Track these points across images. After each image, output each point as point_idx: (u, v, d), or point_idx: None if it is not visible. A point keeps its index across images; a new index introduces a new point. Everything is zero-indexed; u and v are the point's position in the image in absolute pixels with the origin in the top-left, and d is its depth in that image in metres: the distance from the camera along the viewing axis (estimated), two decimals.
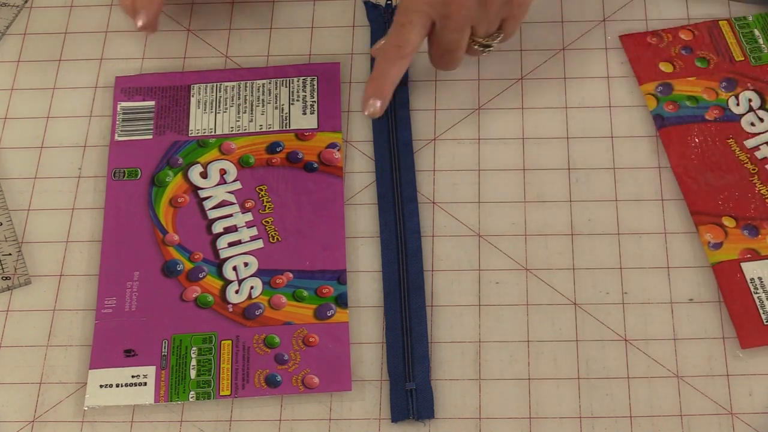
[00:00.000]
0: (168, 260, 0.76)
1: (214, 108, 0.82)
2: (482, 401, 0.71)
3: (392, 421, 0.70)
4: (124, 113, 0.82)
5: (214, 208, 0.78)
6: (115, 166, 0.80)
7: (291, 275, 0.75)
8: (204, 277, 0.75)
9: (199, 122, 0.82)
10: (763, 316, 0.72)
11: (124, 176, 0.79)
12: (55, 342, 0.74)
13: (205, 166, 0.80)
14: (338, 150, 0.80)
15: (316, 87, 0.83)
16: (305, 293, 0.74)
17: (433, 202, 0.78)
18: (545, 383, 0.71)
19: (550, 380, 0.71)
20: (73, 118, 0.84)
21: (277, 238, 0.76)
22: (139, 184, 0.79)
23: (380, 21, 0.86)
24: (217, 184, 0.79)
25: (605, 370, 0.71)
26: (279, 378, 0.71)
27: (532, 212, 0.77)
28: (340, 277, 0.75)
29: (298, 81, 0.83)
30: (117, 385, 0.72)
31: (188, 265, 0.76)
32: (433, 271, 0.75)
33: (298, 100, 0.82)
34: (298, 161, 0.80)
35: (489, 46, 0.77)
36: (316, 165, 0.80)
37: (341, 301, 0.74)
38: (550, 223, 0.77)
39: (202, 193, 0.79)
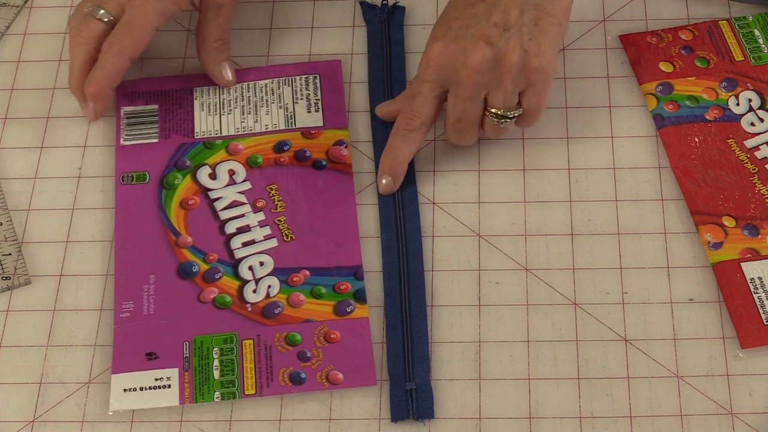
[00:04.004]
0: (183, 262, 0.76)
1: (218, 110, 0.82)
2: (482, 401, 0.71)
3: (392, 421, 0.70)
4: (127, 118, 0.82)
5: (225, 208, 0.78)
6: (122, 171, 0.80)
7: (308, 273, 0.75)
8: (220, 277, 0.75)
9: (204, 124, 0.82)
10: (763, 316, 0.71)
11: (132, 180, 0.79)
12: (55, 342, 0.74)
13: (213, 167, 0.79)
14: (345, 147, 0.80)
15: (319, 85, 0.83)
16: (323, 290, 0.74)
17: (433, 203, 0.78)
18: (545, 383, 0.71)
19: (550, 380, 0.71)
20: (73, 118, 0.84)
21: (291, 237, 0.76)
22: (147, 188, 0.79)
23: (376, 21, 0.86)
24: (227, 185, 0.79)
25: (605, 370, 0.71)
26: (303, 375, 0.71)
27: (532, 212, 0.77)
28: (356, 272, 0.75)
29: (300, 79, 0.83)
30: (141, 389, 0.71)
31: (204, 267, 0.75)
32: (433, 271, 0.75)
33: (302, 99, 0.82)
34: (306, 159, 0.79)
35: (506, 117, 0.74)
36: (324, 162, 0.79)
37: (360, 296, 0.74)
38: (550, 223, 0.77)
39: (213, 195, 0.78)
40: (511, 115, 0.74)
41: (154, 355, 0.72)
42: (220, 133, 0.81)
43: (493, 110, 0.74)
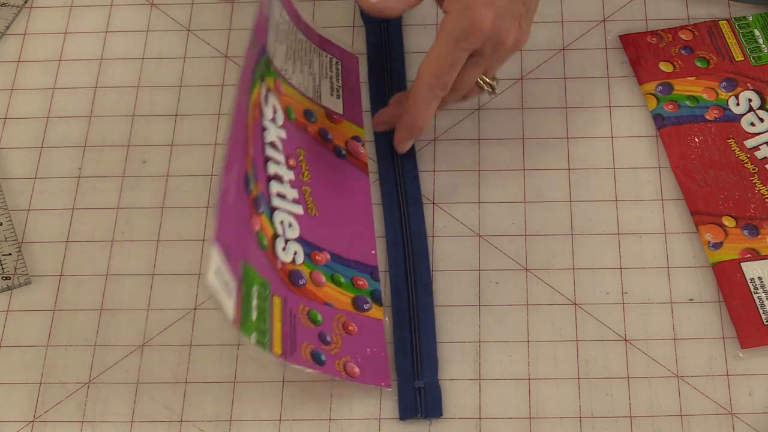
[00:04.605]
0: (247, 172, 0.69)
1: (276, 32, 0.75)
2: (482, 401, 0.71)
3: (400, 419, 0.70)
4: None
5: (269, 144, 0.73)
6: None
7: (328, 256, 0.74)
8: (262, 212, 0.70)
9: (269, 40, 0.74)
10: (763, 316, 0.72)
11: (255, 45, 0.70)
12: (55, 342, 0.74)
13: (266, 91, 0.74)
14: (362, 145, 0.80)
15: (340, 72, 0.82)
16: (342, 279, 0.74)
17: (433, 203, 0.78)
18: (545, 383, 0.71)
19: (550, 380, 0.71)
20: (73, 117, 0.84)
21: (315, 212, 0.75)
22: (250, 62, 0.69)
23: (376, 21, 0.86)
24: (272, 119, 0.74)
25: (605, 370, 0.71)
26: (323, 357, 0.70)
27: (532, 212, 0.77)
28: (372, 272, 0.75)
29: (325, 57, 0.81)
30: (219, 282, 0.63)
31: (255, 190, 0.70)
32: (433, 271, 0.75)
33: (326, 78, 0.81)
34: (328, 141, 0.79)
35: (493, 88, 0.76)
36: (344, 152, 0.79)
37: (376, 297, 0.74)
38: (550, 223, 0.77)
39: (263, 121, 0.72)
40: (497, 86, 0.76)
41: (226, 253, 0.63)
42: (274, 60, 0.75)
43: (486, 80, 0.75)
